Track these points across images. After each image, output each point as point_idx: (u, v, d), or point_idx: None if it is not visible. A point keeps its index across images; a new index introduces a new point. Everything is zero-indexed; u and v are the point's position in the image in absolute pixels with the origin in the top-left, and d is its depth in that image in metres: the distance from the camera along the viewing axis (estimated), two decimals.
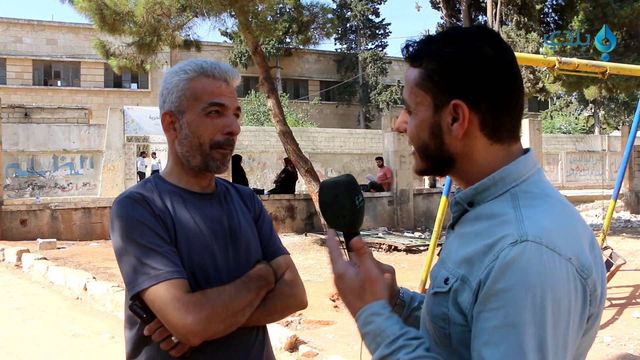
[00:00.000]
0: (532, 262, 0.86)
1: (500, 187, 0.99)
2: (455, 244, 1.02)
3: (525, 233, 0.89)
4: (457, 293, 0.94)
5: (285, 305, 1.43)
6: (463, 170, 1.04)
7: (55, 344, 5.07)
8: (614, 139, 26.68)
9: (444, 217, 6.35)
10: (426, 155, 1.05)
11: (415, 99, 1.04)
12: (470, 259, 0.94)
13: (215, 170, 1.42)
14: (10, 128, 17.18)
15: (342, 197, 1.12)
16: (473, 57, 0.97)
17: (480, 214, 0.99)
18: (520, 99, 1.01)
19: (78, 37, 29.78)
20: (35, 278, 7.86)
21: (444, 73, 0.99)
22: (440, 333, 0.98)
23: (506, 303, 0.86)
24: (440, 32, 1.05)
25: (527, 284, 0.86)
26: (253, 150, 20.88)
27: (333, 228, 1.14)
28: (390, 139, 13.60)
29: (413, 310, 1.24)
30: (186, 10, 10.56)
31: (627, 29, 15.81)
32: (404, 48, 1.06)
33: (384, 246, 10.20)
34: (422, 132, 1.03)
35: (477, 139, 1.00)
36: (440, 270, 1.02)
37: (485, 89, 0.97)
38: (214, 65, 1.41)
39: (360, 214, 1.14)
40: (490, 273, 0.88)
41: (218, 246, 1.40)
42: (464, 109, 0.97)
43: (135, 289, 1.26)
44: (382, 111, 34.70)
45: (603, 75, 5.60)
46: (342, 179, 1.15)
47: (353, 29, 37.50)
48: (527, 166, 1.00)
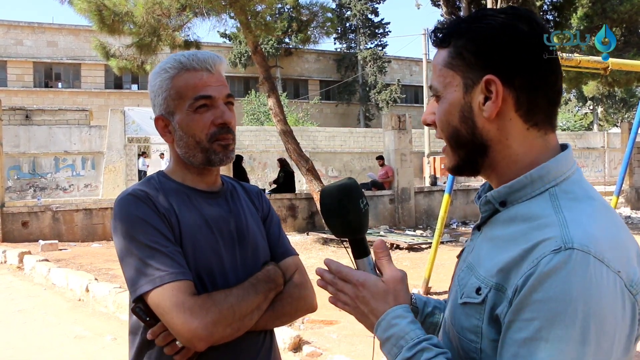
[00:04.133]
0: (576, 273, 0.77)
1: (539, 185, 0.89)
2: (485, 248, 0.93)
3: (571, 239, 0.79)
4: (493, 304, 0.85)
5: (294, 308, 1.38)
6: (497, 160, 0.93)
7: (57, 346, 5.06)
8: (613, 135, 26.70)
9: (446, 215, 6.35)
10: (457, 144, 0.96)
11: (443, 80, 0.95)
12: (506, 267, 0.85)
13: (219, 163, 1.35)
14: (12, 130, 17.18)
15: (346, 202, 1.06)
16: (505, 30, 0.89)
17: (515, 215, 0.90)
18: (559, 81, 0.92)
19: (78, 39, 29.79)
20: (37, 280, 7.85)
21: (475, 48, 0.91)
22: (470, 347, 0.90)
23: (541, 315, 0.78)
24: (470, 14, 0.97)
25: (568, 297, 0.77)
26: (254, 150, 20.89)
27: (338, 235, 1.09)
28: (391, 138, 13.59)
29: (427, 317, 1.16)
30: (186, 10, 10.55)
31: (626, 25, 15.80)
32: (432, 32, 0.98)
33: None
34: (451, 116, 0.94)
35: (512, 122, 0.91)
36: (469, 277, 0.93)
37: (520, 63, 0.89)
38: (191, 57, 1.33)
39: (365, 217, 1.08)
40: (528, 280, 0.80)
41: (225, 246, 1.34)
42: (497, 85, 0.89)
43: (137, 291, 1.21)
44: (381, 110, 34.69)
45: (605, 70, 5.60)
46: (345, 183, 1.09)
47: (352, 29, 37.48)
48: (568, 164, 0.91)
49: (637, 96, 33.06)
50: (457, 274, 0.99)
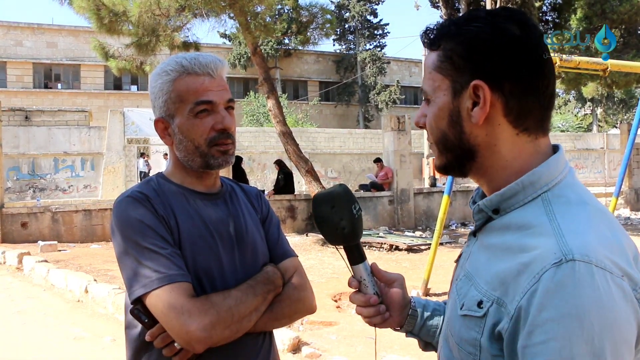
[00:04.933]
0: (583, 286, 0.74)
1: (530, 192, 0.87)
2: (483, 258, 0.91)
3: (570, 250, 0.77)
4: (494, 319, 0.83)
5: (293, 310, 1.37)
6: (486, 166, 0.92)
7: (56, 348, 5.05)
8: (612, 136, 26.71)
9: (445, 216, 6.35)
10: (445, 147, 0.95)
11: (433, 84, 0.93)
12: (503, 278, 0.83)
13: (218, 167, 1.35)
14: (11, 131, 17.18)
15: (339, 208, 1.06)
16: (495, 33, 0.87)
17: (508, 223, 0.88)
18: (550, 85, 0.90)
19: (78, 40, 29.78)
20: (36, 281, 7.84)
21: (463, 51, 0.89)
22: (468, 358, 0.89)
23: (556, 335, 0.74)
24: (461, 15, 0.95)
25: (579, 311, 0.74)
26: (253, 151, 20.88)
27: (332, 243, 1.09)
28: (390, 139, 13.60)
29: (427, 320, 1.16)
30: (185, 10, 10.55)
31: (625, 26, 15.79)
32: (423, 34, 0.96)
33: (385, 246, 10.19)
34: (440, 120, 0.93)
35: (500, 127, 0.89)
36: (469, 288, 0.91)
37: (509, 68, 0.87)
38: (194, 60, 1.32)
39: (359, 223, 1.08)
40: (533, 299, 0.77)
41: (224, 248, 1.34)
42: (485, 90, 0.87)
43: (136, 292, 1.21)
44: (381, 111, 34.71)
45: (604, 72, 5.61)
46: (337, 190, 1.09)
47: (351, 30, 37.50)
48: (559, 167, 0.89)
49: (636, 97, 33.10)
50: (456, 282, 0.98)
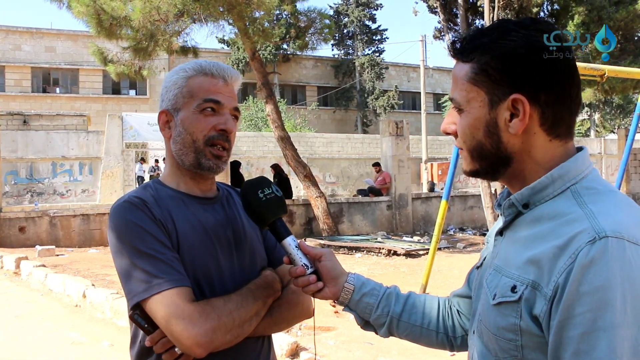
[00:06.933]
0: (615, 259, 0.80)
1: (559, 185, 0.93)
2: (512, 250, 0.94)
3: (603, 229, 0.82)
4: (530, 302, 0.87)
5: (292, 314, 1.39)
6: (519, 170, 0.97)
7: (54, 352, 5.04)
8: (610, 142, 26.75)
9: (444, 221, 6.36)
10: (481, 155, 0.98)
11: (467, 95, 0.97)
12: (538, 262, 0.87)
13: (208, 169, 1.35)
14: (9, 135, 17.15)
15: (247, 196, 1.27)
16: (531, 48, 0.91)
17: (540, 215, 0.92)
18: (579, 93, 0.96)
19: (76, 44, 29.79)
20: (34, 285, 7.82)
21: (500, 65, 0.92)
22: (509, 346, 0.91)
23: (593, 306, 0.79)
24: (490, 26, 0.98)
25: (613, 283, 0.79)
26: (251, 156, 20.88)
27: (258, 224, 1.30)
28: (389, 144, 13.61)
29: (364, 296, 1.23)
30: (183, 15, 10.57)
31: (622, 32, 15.84)
32: (451, 44, 1.00)
33: (383, 251, 10.18)
34: (476, 130, 0.96)
35: (536, 135, 0.94)
36: (499, 278, 0.94)
37: (545, 81, 0.91)
38: (213, 64, 1.38)
39: (268, 206, 1.26)
40: (570, 276, 0.82)
41: (222, 253, 1.35)
42: (524, 104, 0.91)
43: (135, 298, 1.20)
44: (379, 116, 34.73)
45: (602, 78, 5.63)
46: (247, 181, 1.30)
47: (350, 35, 37.57)
48: (585, 163, 0.96)
49: (633, 103, 33.17)
50: (485, 279, 1.00)
